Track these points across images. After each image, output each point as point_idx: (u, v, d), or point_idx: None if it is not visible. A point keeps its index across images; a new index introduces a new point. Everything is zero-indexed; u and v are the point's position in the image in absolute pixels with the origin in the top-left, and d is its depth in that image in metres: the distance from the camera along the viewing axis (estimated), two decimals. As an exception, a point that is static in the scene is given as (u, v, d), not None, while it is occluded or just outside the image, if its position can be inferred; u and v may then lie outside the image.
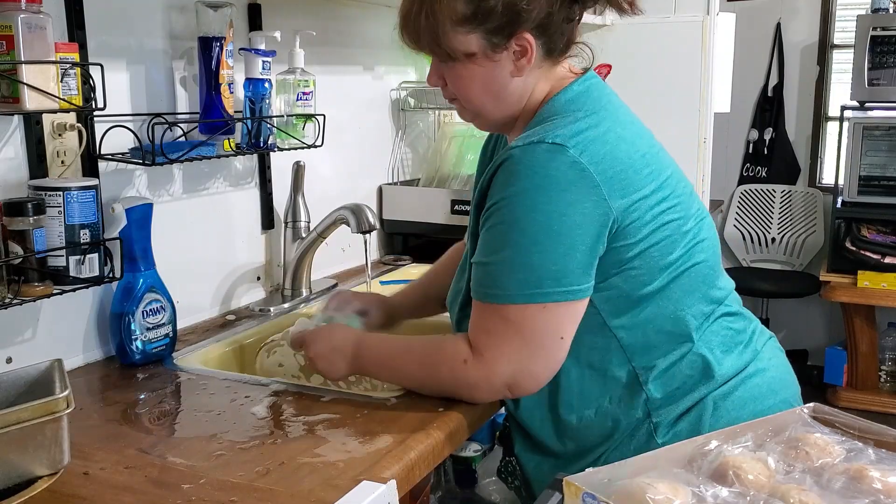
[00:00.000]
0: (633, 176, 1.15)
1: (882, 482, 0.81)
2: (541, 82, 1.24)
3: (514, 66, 1.20)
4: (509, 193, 1.13)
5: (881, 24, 3.62)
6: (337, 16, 2.04)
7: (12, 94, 1.19)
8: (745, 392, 1.22)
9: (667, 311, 1.20)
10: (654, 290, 1.19)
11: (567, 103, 1.21)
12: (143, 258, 1.45)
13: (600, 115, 1.19)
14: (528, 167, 1.12)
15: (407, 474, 1.08)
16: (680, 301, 1.21)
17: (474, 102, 1.24)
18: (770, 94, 4.33)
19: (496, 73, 1.20)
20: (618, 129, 1.18)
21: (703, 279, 1.23)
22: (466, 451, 1.91)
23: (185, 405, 1.29)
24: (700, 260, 1.23)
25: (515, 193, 1.13)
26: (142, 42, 1.52)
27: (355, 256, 2.11)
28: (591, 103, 1.21)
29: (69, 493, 1.00)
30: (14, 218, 1.21)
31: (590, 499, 0.77)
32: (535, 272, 1.12)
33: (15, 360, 1.33)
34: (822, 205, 4.28)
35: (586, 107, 1.20)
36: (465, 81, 1.22)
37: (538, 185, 1.11)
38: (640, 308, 1.19)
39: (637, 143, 1.20)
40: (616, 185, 1.13)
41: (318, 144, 1.75)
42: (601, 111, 1.20)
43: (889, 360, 3.83)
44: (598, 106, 1.21)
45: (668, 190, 1.20)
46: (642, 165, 1.17)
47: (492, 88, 1.22)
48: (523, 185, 1.12)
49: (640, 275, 1.18)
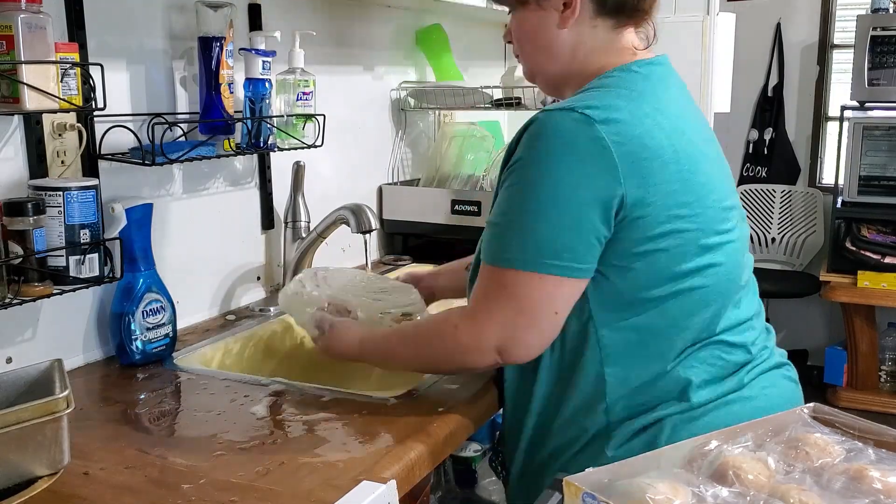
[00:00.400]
0: (658, 168, 1.10)
1: (882, 482, 0.81)
2: (599, 49, 1.22)
3: (560, 19, 1.20)
4: (527, 156, 1.12)
5: (881, 24, 3.62)
6: (337, 16, 2.04)
7: (12, 94, 1.19)
8: (717, 418, 1.14)
9: (657, 325, 1.15)
10: (649, 298, 1.14)
11: (618, 80, 1.18)
12: (143, 258, 1.45)
13: (645, 98, 1.15)
14: (552, 133, 1.11)
15: (407, 474, 1.08)
16: (675, 320, 1.15)
17: (527, 53, 1.26)
18: (770, 94, 4.33)
19: (544, 24, 1.21)
20: (658, 116, 1.13)
21: (705, 305, 1.16)
22: (466, 451, 1.91)
23: (185, 405, 1.29)
24: (706, 284, 1.15)
25: (533, 157, 1.11)
26: (142, 42, 1.52)
27: (355, 256, 2.11)
28: (641, 84, 1.17)
29: (69, 493, 1.00)
30: (14, 218, 1.21)
31: (590, 499, 0.77)
32: (537, 241, 1.10)
33: (15, 360, 1.33)
34: (822, 205, 4.28)
35: (634, 86, 1.16)
36: (520, 31, 1.25)
37: (556, 152, 1.10)
38: (631, 313, 1.15)
39: (674, 138, 1.13)
40: (636, 170, 1.09)
41: (318, 144, 1.75)
42: (648, 94, 1.16)
43: (889, 360, 3.83)
44: (648, 88, 1.17)
45: (693, 196, 1.13)
46: (672, 160, 1.12)
47: (540, 39, 1.23)
48: (542, 150, 1.10)
49: (639, 277, 1.13)
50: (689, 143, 1.16)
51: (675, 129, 1.14)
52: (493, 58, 2.83)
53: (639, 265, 1.12)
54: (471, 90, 2.26)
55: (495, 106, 2.30)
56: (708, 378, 1.17)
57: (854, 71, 3.70)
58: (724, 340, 1.19)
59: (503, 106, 2.30)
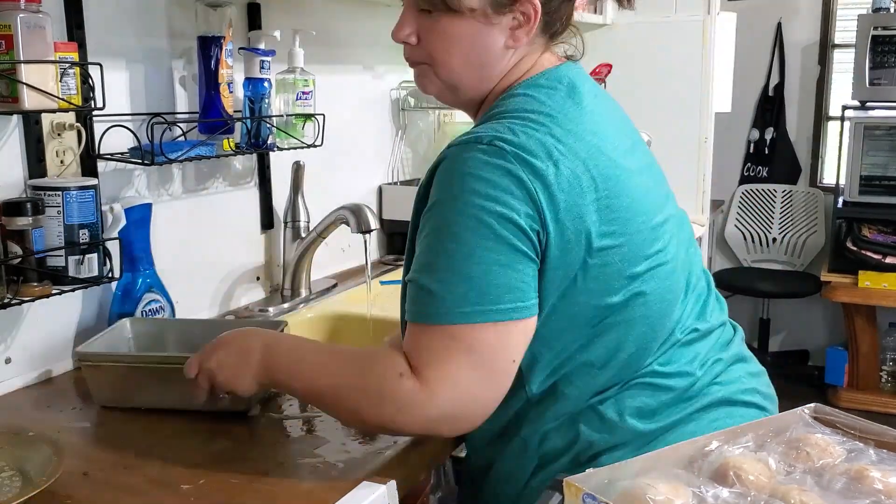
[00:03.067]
0: (575, 202, 1.00)
1: (883, 483, 0.81)
2: (524, 68, 1.10)
3: (509, 35, 1.07)
4: (442, 197, 1.00)
5: (882, 24, 3.62)
6: (337, 16, 2.04)
7: (11, 93, 1.18)
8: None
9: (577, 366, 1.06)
10: (569, 344, 1.06)
11: (524, 101, 1.06)
12: (143, 258, 1.45)
13: (556, 121, 1.03)
14: (463, 167, 0.98)
15: (407, 474, 1.07)
16: (596, 360, 1.07)
17: (453, 68, 1.09)
18: (771, 94, 4.33)
19: (488, 39, 1.06)
20: (570, 140, 1.02)
21: (628, 341, 1.07)
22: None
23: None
24: (632, 317, 1.06)
25: (448, 197, 0.99)
26: (141, 42, 1.52)
27: (355, 256, 2.11)
28: (549, 103, 1.06)
29: (69, 493, 1.00)
30: (13, 218, 1.21)
31: (590, 499, 0.77)
32: (476, 285, 0.96)
33: (14, 361, 1.33)
34: (823, 205, 4.28)
35: (543, 108, 1.05)
36: (450, 41, 1.06)
37: (472, 189, 0.97)
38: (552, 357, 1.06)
39: (590, 162, 1.02)
40: (553, 207, 0.99)
41: (317, 144, 1.75)
42: (559, 116, 1.04)
43: (890, 361, 3.83)
44: (556, 107, 1.05)
45: (615, 224, 1.03)
46: (589, 189, 1.01)
47: (478, 55, 1.07)
48: (456, 188, 0.98)
49: (560, 320, 1.04)
50: (608, 162, 1.04)
51: (590, 151, 1.03)
52: (493, 57, 2.83)
53: (561, 306, 1.03)
54: (471, 90, 2.25)
55: (495, 106, 2.30)
56: (639, 413, 1.09)
57: (855, 70, 3.70)
58: (655, 371, 1.10)
59: (503, 106, 2.30)
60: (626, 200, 1.04)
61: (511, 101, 1.07)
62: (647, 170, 1.13)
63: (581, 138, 1.03)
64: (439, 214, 1.00)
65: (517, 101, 1.06)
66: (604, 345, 1.06)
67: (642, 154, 1.15)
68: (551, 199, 0.98)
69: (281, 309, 1.76)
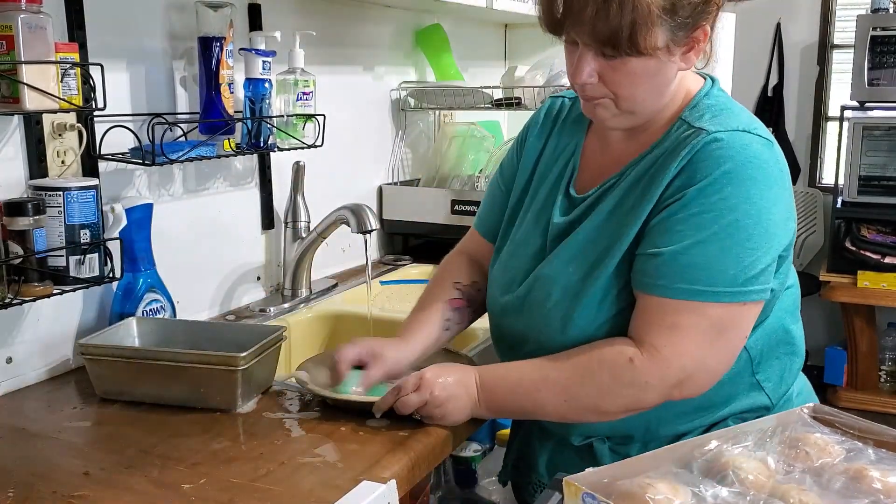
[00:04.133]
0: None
1: (882, 482, 0.81)
2: (681, 83, 1.18)
3: (682, 59, 1.12)
4: (720, 176, 1.06)
5: (881, 24, 3.61)
6: (337, 16, 2.04)
7: (12, 94, 1.19)
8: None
9: (778, 321, 1.19)
10: (775, 296, 1.17)
11: (726, 100, 1.18)
12: (143, 258, 1.46)
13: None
14: (742, 154, 1.07)
15: (407, 474, 1.08)
16: (788, 312, 1.22)
17: (636, 100, 1.13)
18: (770, 94, 4.33)
19: (668, 69, 1.11)
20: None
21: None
22: (466, 451, 1.91)
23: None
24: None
25: (728, 178, 1.06)
26: (142, 42, 1.52)
27: (355, 256, 2.11)
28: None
29: (69, 493, 1.00)
30: (14, 218, 1.22)
31: (590, 499, 0.77)
32: (745, 270, 1.06)
33: (15, 360, 1.33)
34: (821, 205, 4.28)
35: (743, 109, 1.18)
36: (637, 78, 1.10)
37: (752, 176, 1.06)
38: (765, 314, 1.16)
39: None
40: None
41: (318, 144, 1.75)
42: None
43: (889, 360, 3.83)
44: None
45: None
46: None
47: (659, 84, 1.13)
48: (737, 172, 1.06)
49: (782, 278, 1.17)
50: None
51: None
52: (493, 58, 2.83)
53: (778, 275, 1.15)
54: (471, 90, 2.26)
55: (495, 106, 2.30)
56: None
57: (854, 71, 3.70)
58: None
59: (503, 106, 2.30)
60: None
61: (715, 101, 1.17)
62: None
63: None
64: (717, 196, 1.06)
65: (722, 101, 1.18)
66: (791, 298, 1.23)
67: None
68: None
69: (281, 309, 1.76)
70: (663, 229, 1.08)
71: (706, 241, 1.06)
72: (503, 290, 1.25)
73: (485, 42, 2.78)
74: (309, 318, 1.78)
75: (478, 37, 2.72)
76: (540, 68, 2.30)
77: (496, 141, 2.46)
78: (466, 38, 2.59)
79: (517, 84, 2.34)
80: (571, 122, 1.29)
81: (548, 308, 1.16)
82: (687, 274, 1.06)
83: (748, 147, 1.08)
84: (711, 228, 1.06)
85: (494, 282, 1.29)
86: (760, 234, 1.06)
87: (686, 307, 1.07)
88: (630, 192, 1.14)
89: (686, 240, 1.06)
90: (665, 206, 1.09)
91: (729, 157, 1.07)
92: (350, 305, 1.85)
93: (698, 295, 1.06)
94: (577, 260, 1.15)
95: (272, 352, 1.30)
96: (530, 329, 1.19)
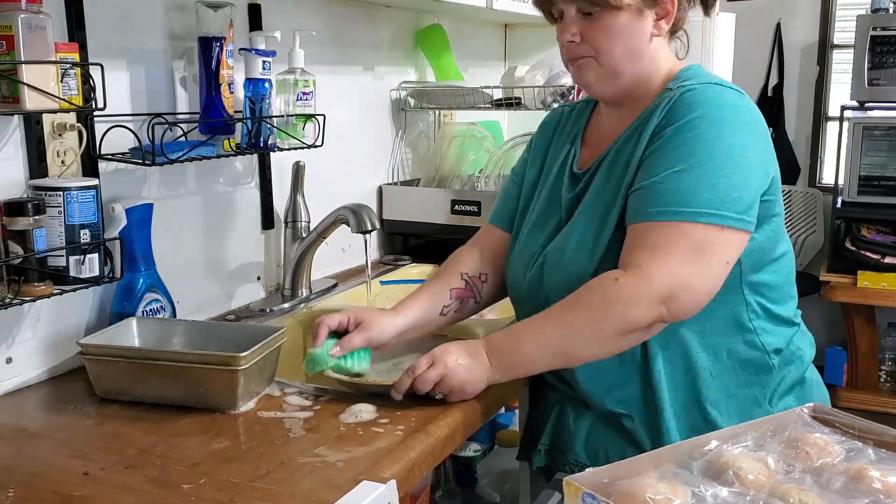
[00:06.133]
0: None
1: (882, 482, 0.81)
2: (663, 57, 1.30)
3: (654, 26, 1.26)
4: (695, 117, 1.18)
5: (881, 24, 3.62)
6: (337, 16, 2.04)
7: (12, 94, 1.19)
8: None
9: (786, 271, 1.30)
10: (776, 256, 1.28)
11: (704, 73, 1.29)
12: (143, 258, 1.46)
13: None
14: (715, 100, 1.20)
15: (407, 474, 1.08)
16: (787, 276, 1.31)
17: (614, 56, 1.25)
18: (770, 94, 4.33)
19: (640, 29, 1.25)
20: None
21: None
22: (466, 451, 1.91)
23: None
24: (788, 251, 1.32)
25: (701, 119, 1.18)
26: (142, 42, 1.52)
27: (355, 256, 2.11)
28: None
29: (69, 493, 1.00)
30: (14, 218, 1.22)
31: (590, 499, 0.77)
32: (720, 194, 1.15)
33: (15, 360, 1.34)
34: (821, 205, 4.28)
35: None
36: (612, 33, 1.24)
37: (724, 117, 1.18)
38: (777, 263, 1.27)
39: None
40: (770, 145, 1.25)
41: (318, 144, 1.75)
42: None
43: (889, 360, 3.83)
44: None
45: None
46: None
47: (634, 44, 1.26)
48: (711, 113, 1.18)
49: (775, 235, 1.26)
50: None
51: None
52: (493, 58, 2.83)
53: (775, 224, 1.26)
54: (471, 90, 2.26)
55: (495, 106, 2.30)
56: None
57: (854, 71, 3.70)
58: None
59: (503, 106, 2.30)
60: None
61: (693, 72, 1.29)
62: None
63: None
64: (691, 132, 1.18)
65: (700, 72, 1.29)
66: (787, 264, 1.34)
67: None
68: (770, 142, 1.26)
69: (281, 309, 1.76)
70: (644, 168, 1.21)
71: (682, 170, 1.17)
72: (523, 267, 1.34)
73: (485, 42, 2.78)
74: (309, 318, 1.77)
75: (478, 37, 2.73)
76: (540, 68, 2.30)
77: (496, 141, 2.46)
78: (466, 38, 2.59)
79: (517, 84, 2.34)
80: (573, 119, 1.44)
81: (563, 264, 1.26)
82: (664, 198, 1.16)
83: (721, 94, 1.21)
84: (687, 160, 1.17)
85: (514, 263, 1.38)
86: (734, 166, 1.16)
87: (665, 227, 1.15)
88: (622, 150, 1.26)
89: (663, 171, 1.18)
90: (658, 141, 1.20)
91: (704, 102, 1.19)
92: (350, 305, 1.84)
93: (675, 215, 1.15)
94: (586, 221, 1.26)
95: (272, 352, 1.30)
96: (550, 293, 1.27)
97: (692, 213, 1.15)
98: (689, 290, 1.16)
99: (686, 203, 1.15)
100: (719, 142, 1.17)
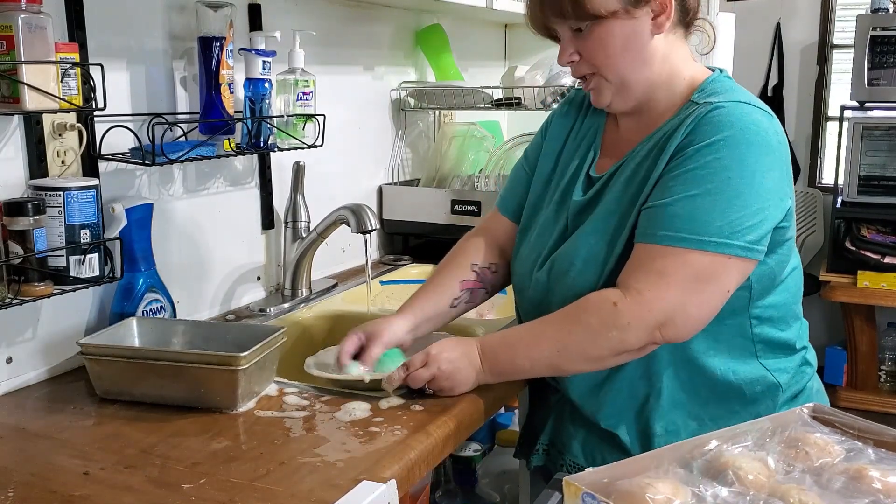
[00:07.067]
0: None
1: (882, 482, 0.81)
2: (682, 58, 1.26)
3: (652, 24, 1.20)
4: (720, 139, 1.14)
5: (881, 24, 3.62)
6: (337, 16, 2.04)
7: (12, 94, 1.19)
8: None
9: (793, 289, 1.28)
10: (783, 278, 1.25)
11: (731, 84, 1.24)
12: (143, 258, 1.46)
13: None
14: (741, 122, 1.15)
15: (407, 474, 1.08)
16: (794, 294, 1.30)
17: (618, 65, 1.21)
18: (770, 94, 4.33)
19: (637, 32, 1.20)
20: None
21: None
22: (466, 451, 1.91)
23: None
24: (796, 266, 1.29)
25: (725, 142, 1.14)
26: (142, 42, 1.52)
27: (355, 256, 2.11)
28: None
29: (69, 493, 1.00)
30: (14, 218, 1.22)
31: (589, 499, 0.77)
32: (731, 222, 1.12)
33: (15, 360, 1.33)
34: (821, 205, 4.28)
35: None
36: (606, 45, 1.20)
37: (750, 141, 1.14)
38: (784, 283, 1.25)
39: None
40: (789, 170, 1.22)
41: (318, 144, 1.75)
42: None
43: (889, 360, 3.83)
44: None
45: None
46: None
47: (633, 46, 1.20)
48: (735, 136, 1.14)
49: (786, 256, 1.24)
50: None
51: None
52: (493, 58, 2.84)
53: (780, 250, 1.22)
54: (471, 90, 2.26)
55: (495, 106, 2.30)
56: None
57: (854, 71, 3.70)
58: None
59: (503, 106, 2.31)
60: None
61: (721, 85, 1.23)
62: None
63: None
64: (713, 156, 1.14)
65: (729, 84, 1.24)
66: (794, 282, 1.32)
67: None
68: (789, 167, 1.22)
69: (281, 309, 1.76)
70: (661, 186, 1.17)
71: (697, 195, 1.13)
72: (532, 267, 1.32)
73: (485, 42, 2.78)
74: (309, 318, 1.78)
75: (478, 37, 2.73)
76: (540, 68, 2.30)
77: (496, 141, 2.47)
78: (466, 38, 2.59)
79: (517, 84, 2.34)
80: (593, 109, 1.37)
81: (571, 277, 1.23)
82: (674, 223, 1.14)
83: (748, 115, 1.16)
84: (703, 185, 1.13)
85: (523, 260, 1.36)
86: (751, 194, 1.13)
87: (671, 253, 1.13)
88: (643, 163, 1.22)
89: (678, 193, 1.15)
90: (668, 167, 1.17)
91: (730, 124, 1.15)
92: (350, 305, 1.85)
93: (682, 242, 1.13)
94: (597, 232, 1.23)
95: (272, 352, 1.30)
96: (555, 302, 1.25)
97: (699, 241, 1.12)
98: (685, 316, 1.14)
99: (695, 230, 1.12)
100: (740, 167, 1.13)
